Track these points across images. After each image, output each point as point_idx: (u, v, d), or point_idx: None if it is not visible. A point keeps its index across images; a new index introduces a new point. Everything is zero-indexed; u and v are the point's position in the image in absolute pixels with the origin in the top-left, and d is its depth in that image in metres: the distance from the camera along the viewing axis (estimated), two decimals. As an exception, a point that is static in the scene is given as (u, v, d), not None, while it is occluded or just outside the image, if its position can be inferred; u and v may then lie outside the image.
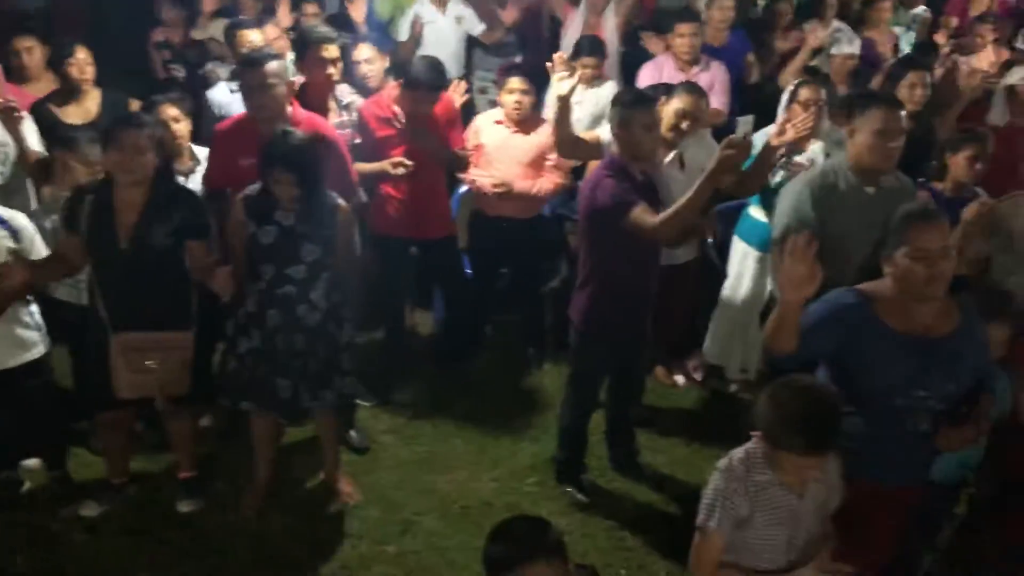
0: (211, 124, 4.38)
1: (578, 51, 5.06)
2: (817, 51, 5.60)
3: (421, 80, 4.11)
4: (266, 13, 5.70)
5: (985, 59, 6.06)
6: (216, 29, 5.45)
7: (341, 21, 5.85)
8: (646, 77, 5.21)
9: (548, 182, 4.61)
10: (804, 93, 4.29)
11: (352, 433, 4.20)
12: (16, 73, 4.60)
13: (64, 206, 3.49)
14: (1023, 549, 2.89)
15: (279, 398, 3.54)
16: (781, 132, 3.86)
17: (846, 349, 2.65)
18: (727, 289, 4.60)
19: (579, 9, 5.97)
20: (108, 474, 3.83)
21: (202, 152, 4.19)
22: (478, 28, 6.10)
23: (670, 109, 4.02)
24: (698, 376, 4.86)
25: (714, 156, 3.17)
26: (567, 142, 4.11)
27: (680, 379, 4.84)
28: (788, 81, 5.49)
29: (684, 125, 4.02)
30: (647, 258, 3.62)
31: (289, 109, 3.80)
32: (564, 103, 3.93)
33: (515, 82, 4.51)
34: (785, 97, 4.42)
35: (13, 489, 3.84)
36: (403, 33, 5.89)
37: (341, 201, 3.55)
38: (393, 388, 4.63)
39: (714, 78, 5.15)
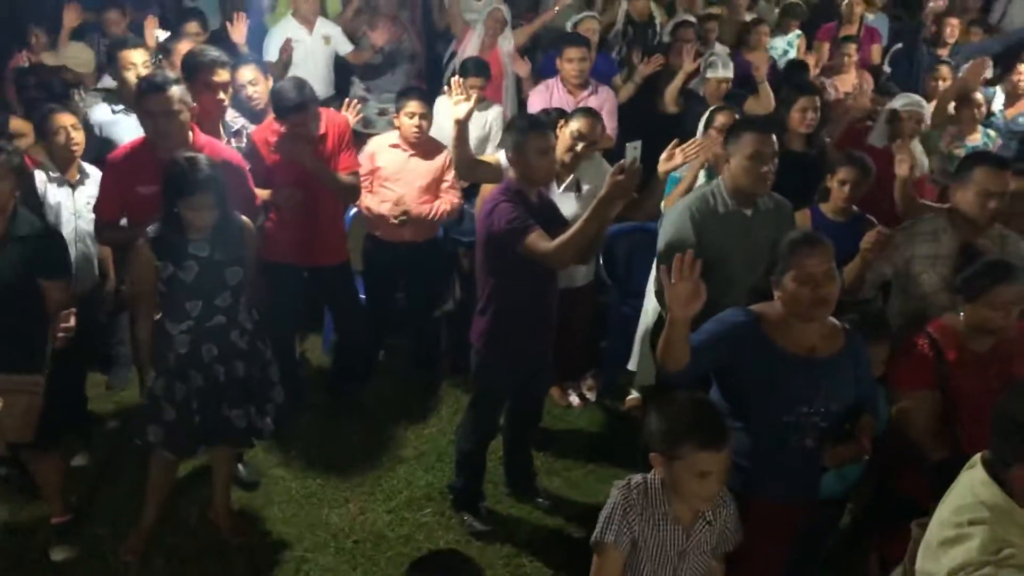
0: (93, 145, 4.21)
1: (464, 71, 5.07)
2: (694, 73, 5.79)
3: (288, 103, 4.00)
4: (134, 32, 5.50)
5: (848, 81, 6.44)
6: (76, 51, 5.20)
7: (219, 40, 5.70)
8: (536, 101, 5.28)
9: (445, 203, 4.61)
10: (720, 118, 4.40)
11: (240, 467, 4.05)
12: None
13: None
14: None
15: (236, 429, 3.45)
16: (670, 157, 3.93)
17: (735, 366, 2.74)
18: (647, 309, 4.59)
19: (475, 31, 6.01)
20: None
21: (91, 169, 4.06)
22: (346, 48, 6.13)
23: (567, 132, 4.08)
24: (592, 396, 4.90)
25: (605, 182, 3.21)
26: (466, 164, 4.11)
27: (575, 399, 4.87)
28: (669, 104, 5.68)
29: (579, 148, 4.08)
30: (546, 281, 3.62)
31: (190, 135, 3.64)
32: (462, 126, 3.93)
33: (414, 105, 4.48)
34: (702, 122, 4.50)
35: None
36: (272, 53, 5.80)
37: (245, 218, 3.46)
38: (286, 420, 4.48)
39: (603, 101, 5.24)
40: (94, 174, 4.07)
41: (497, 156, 4.27)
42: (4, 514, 3.72)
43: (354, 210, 4.92)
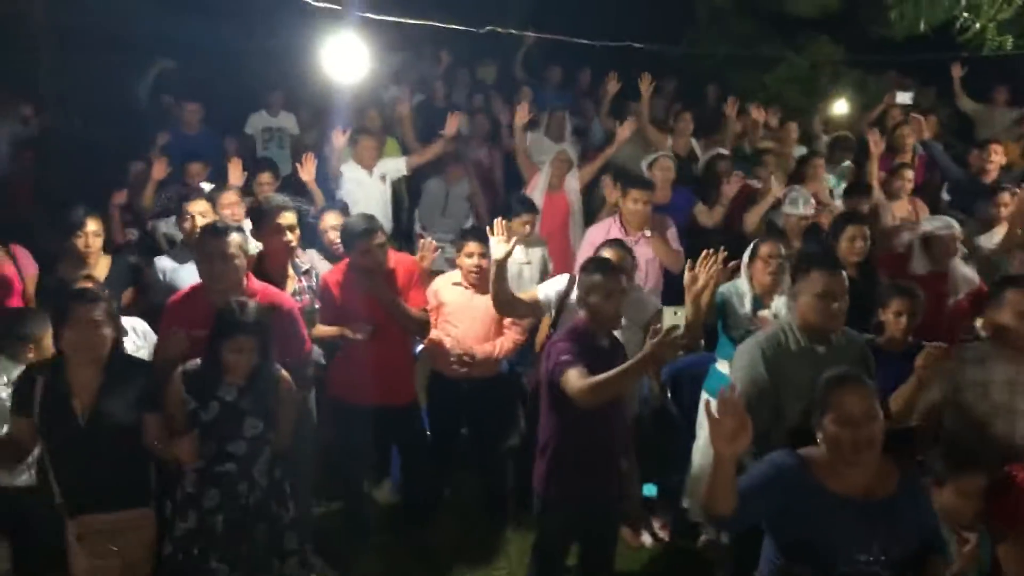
0: (160, 290, 4.38)
1: (512, 210, 5.23)
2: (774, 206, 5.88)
3: (356, 229, 4.16)
4: (220, 178, 5.79)
5: (903, 207, 6.46)
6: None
7: (293, 184, 5.99)
8: (595, 237, 5.36)
9: (508, 341, 4.66)
10: (764, 249, 4.43)
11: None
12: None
13: (16, 386, 3.39)
14: None
15: None
16: (693, 280, 3.87)
17: (785, 512, 2.63)
18: (699, 445, 4.56)
19: (543, 171, 6.24)
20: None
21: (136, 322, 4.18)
22: (401, 170, 6.52)
23: None
24: (664, 535, 4.77)
25: (646, 343, 3.16)
26: (504, 302, 4.15)
27: (647, 539, 4.74)
28: (751, 225, 5.70)
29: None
30: (609, 419, 3.57)
31: (244, 280, 3.79)
32: (501, 265, 3.99)
33: (473, 245, 4.60)
34: (747, 254, 4.54)
35: None
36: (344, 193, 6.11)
37: (284, 373, 3.51)
38: (353, 560, 4.44)
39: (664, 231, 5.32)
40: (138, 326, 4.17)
41: (534, 292, 4.35)
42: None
43: (420, 347, 5.00)
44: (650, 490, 4.88)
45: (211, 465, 3.35)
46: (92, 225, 4.50)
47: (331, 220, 4.91)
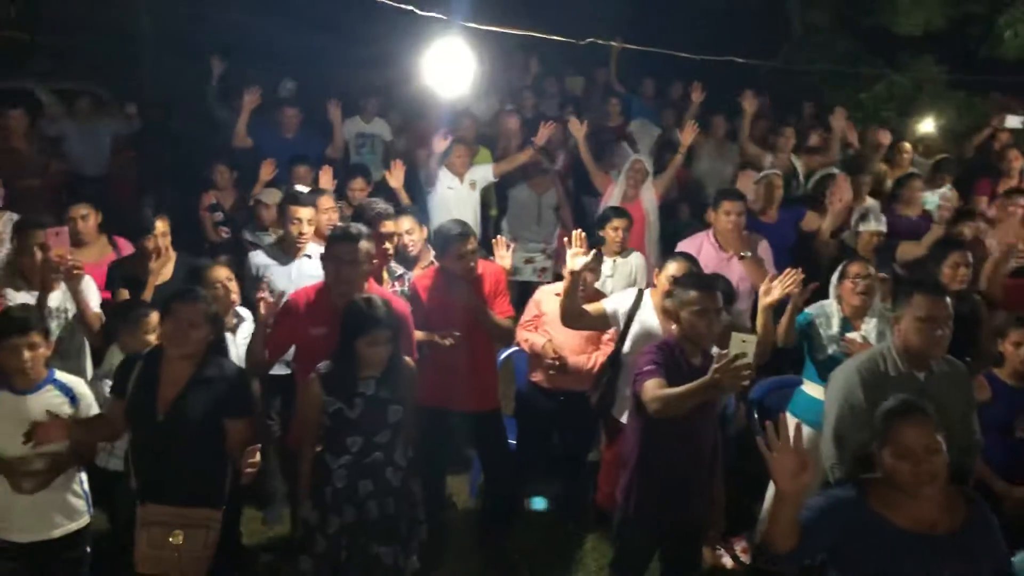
0: (251, 285, 4.48)
1: (605, 220, 5.22)
2: (844, 227, 5.73)
3: (449, 233, 4.20)
4: (317, 183, 5.91)
5: (1010, 233, 6.19)
6: (268, 197, 5.64)
7: (383, 189, 6.09)
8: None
9: (603, 356, 4.59)
10: (853, 269, 4.33)
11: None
12: (71, 239, 4.74)
13: (117, 370, 3.54)
14: None
15: (384, 565, 3.47)
16: (767, 292, 3.84)
17: (844, 547, 2.54)
18: None
19: (618, 180, 6.20)
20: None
21: (245, 312, 4.29)
22: (489, 177, 6.54)
23: (663, 278, 4.09)
24: (746, 558, 4.67)
25: (712, 367, 3.12)
26: (573, 314, 4.11)
27: (727, 561, 4.65)
28: (823, 235, 5.64)
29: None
30: (697, 437, 3.52)
31: (365, 285, 3.86)
32: (575, 277, 3.96)
33: None
34: (835, 274, 4.43)
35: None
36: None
37: (407, 358, 3.61)
38: (431, 564, 4.46)
39: (761, 256, 5.21)
40: (248, 316, 4.30)
41: (602, 305, 4.29)
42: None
43: (504, 354, 5.02)
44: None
45: (360, 458, 3.44)
46: (161, 227, 4.62)
47: (405, 224, 4.91)
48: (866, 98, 9.51)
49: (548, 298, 4.72)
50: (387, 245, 4.30)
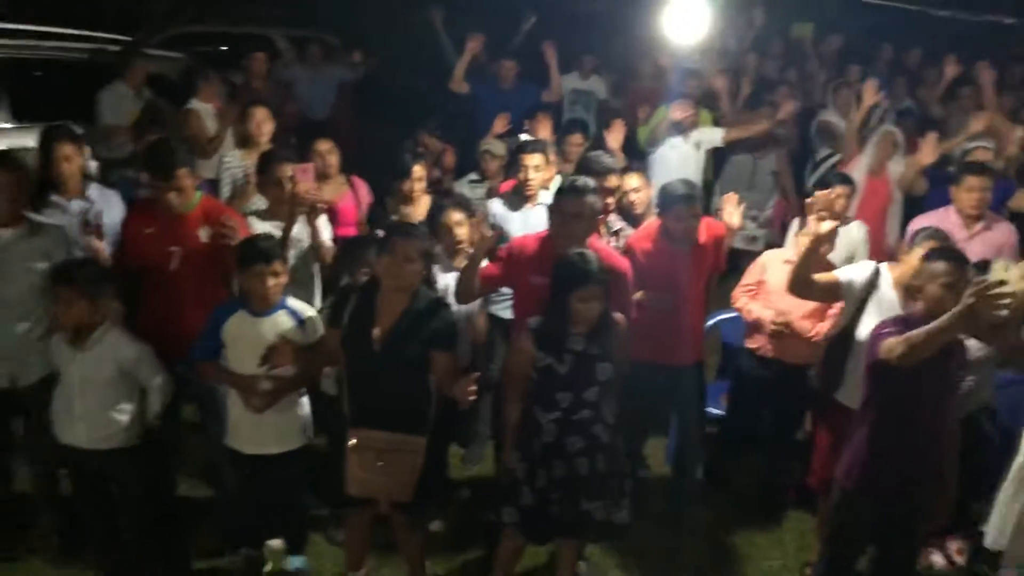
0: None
1: (825, 183, 4.96)
2: None
3: (675, 193, 4.11)
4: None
5: None
6: (495, 148, 5.72)
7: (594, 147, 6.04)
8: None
9: (828, 328, 4.35)
10: None
11: (582, 564, 4.06)
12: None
13: (333, 301, 3.71)
14: None
15: (594, 522, 3.51)
16: None
17: None
18: (1014, 470, 4.08)
19: (866, 151, 5.87)
20: (345, 567, 3.89)
21: None
22: (716, 138, 6.37)
23: (914, 253, 3.74)
24: (961, 560, 4.35)
25: (967, 292, 2.88)
26: (803, 282, 3.84)
27: (938, 559, 4.36)
28: None
29: None
30: (932, 417, 3.31)
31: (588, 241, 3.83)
32: (817, 243, 3.73)
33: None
34: None
35: (256, 567, 3.99)
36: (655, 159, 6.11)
37: (618, 315, 3.55)
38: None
39: (1003, 239, 4.81)
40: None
41: (835, 275, 3.98)
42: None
43: (711, 321, 4.88)
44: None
45: (569, 414, 3.46)
46: (418, 171, 4.86)
47: (633, 181, 4.89)
48: None
49: (775, 265, 4.49)
50: (609, 200, 4.26)
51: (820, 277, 3.91)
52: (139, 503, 3.71)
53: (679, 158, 6.19)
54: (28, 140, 5.74)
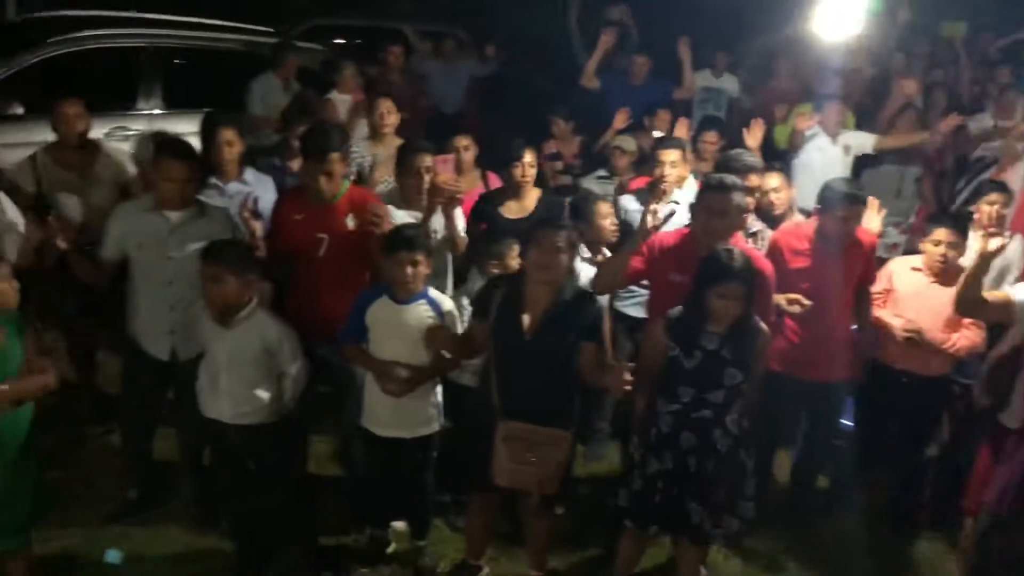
0: (621, 228, 4.54)
1: (981, 192, 4.75)
2: None
3: (840, 191, 4.01)
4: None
5: None
6: (626, 144, 5.66)
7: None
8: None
9: (965, 339, 4.21)
10: None
11: (703, 570, 3.99)
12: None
13: (478, 293, 3.76)
14: None
15: (689, 523, 3.47)
16: None
17: None
18: None
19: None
20: (467, 553, 3.94)
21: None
22: (868, 144, 6.14)
23: None
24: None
25: None
26: (972, 302, 3.66)
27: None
28: None
29: None
30: None
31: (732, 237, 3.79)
32: (987, 261, 3.55)
33: (942, 232, 4.22)
34: None
35: (380, 547, 4.10)
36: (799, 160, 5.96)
37: (763, 325, 3.48)
38: (747, 533, 4.35)
39: None
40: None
41: (1007, 292, 3.78)
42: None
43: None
44: None
45: (688, 410, 3.43)
46: (528, 157, 4.74)
47: (773, 181, 4.79)
48: None
49: (903, 272, 4.36)
50: (749, 200, 4.16)
51: (992, 296, 3.74)
52: (272, 478, 3.85)
53: (824, 160, 5.98)
54: (179, 126, 6.08)
